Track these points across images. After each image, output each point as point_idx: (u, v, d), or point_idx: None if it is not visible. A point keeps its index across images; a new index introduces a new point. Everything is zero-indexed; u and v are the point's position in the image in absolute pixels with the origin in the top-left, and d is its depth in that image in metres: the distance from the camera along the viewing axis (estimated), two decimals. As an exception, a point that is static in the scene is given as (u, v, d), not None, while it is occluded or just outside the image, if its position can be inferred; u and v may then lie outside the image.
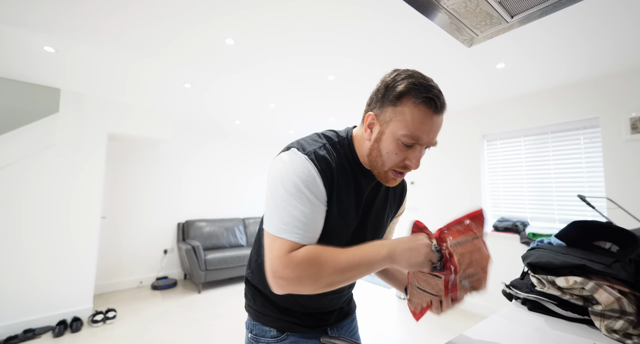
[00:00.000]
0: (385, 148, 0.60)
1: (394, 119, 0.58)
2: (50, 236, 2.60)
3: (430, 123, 0.57)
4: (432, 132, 0.57)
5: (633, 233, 0.72)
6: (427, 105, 0.55)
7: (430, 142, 0.58)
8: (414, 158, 0.59)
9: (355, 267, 0.54)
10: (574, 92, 2.49)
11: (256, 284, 0.76)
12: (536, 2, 0.74)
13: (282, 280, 0.54)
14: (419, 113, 0.56)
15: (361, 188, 0.68)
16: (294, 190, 0.57)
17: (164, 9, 1.57)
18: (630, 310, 0.61)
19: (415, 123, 0.56)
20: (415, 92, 0.56)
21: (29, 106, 2.62)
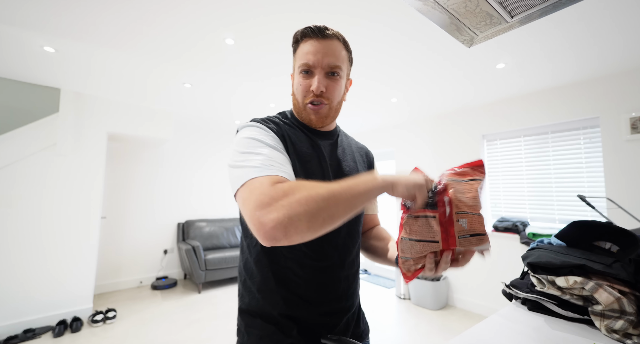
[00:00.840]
0: (295, 85, 0.68)
1: (295, 62, 0.69)
2: (50, 236, 2.60)
3: (315, 47, 0.64)
4: (318, 53, 0.63)
5: (633, 233, 0.72)
6: (307, 35, 0.65)
7: (323, 62, 0.64)
8: (313, 82, 0.64)
9: (350, 190, 0.47)
10: (574, 92, 2.49)
11: (253, 308, 0.66)
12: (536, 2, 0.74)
13: (270, 215, 0.43)
14: (305, 44, 0.65)
15: (315, 142, 0.70)
16: (250, 143, 0.58)
17: (164, 9, 1.57)
18: (630, 310, 0.61)
19: (304, 52, 0.65)
20: (299, 32, 0.67)
21: (29, 106, 2.62)
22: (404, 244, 0.55)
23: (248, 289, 0.68)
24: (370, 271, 4.43)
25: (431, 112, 3.42)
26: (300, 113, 0.70)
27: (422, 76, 2.40)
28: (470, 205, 0.52)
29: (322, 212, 0.45)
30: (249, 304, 0.67)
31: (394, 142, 4.01)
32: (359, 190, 0.48)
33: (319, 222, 0.45)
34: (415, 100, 3.01)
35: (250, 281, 0.67)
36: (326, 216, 0.45)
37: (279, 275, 0.64)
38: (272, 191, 0.46)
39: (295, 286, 0.64)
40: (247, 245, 0.70)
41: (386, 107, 3.27)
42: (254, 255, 0.67)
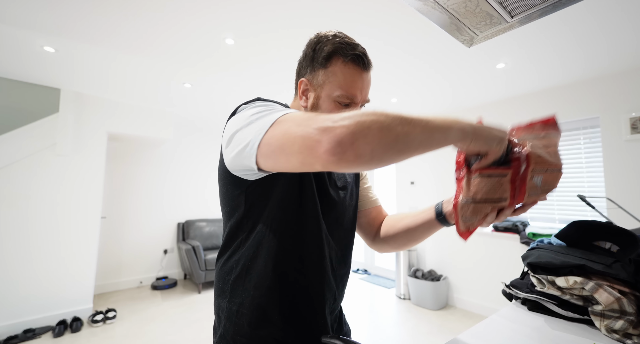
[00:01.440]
0: (324, 112, 0.59)
1: (327, 81, 0.58)
2: (50, 236, 2.60)
3: (362, 80, 0.59)
4: (364, 89, 0.60)
5: (633, 233, 0.72)
6: (355, 63, 0.57)
7: (364, 98, 0.61)
8: None
9: (428, 122, 0.39)
10: (574, 92, 2.49)
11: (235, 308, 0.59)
12: (536, 2, 0.74)
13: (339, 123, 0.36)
14: (349, 71, 0.57)
15: None
16: (260, 108, 0.49)
17: (164, 9, 1.57)
18: (630, 310, 0.61)
19: (348, 82, 0.57)
20: (343, 51, 0.57)
21: (29, 106, 2.62)
22: (466, 207, 0.48)
23: (238, 288, 0.61)
24: (370, 271, 4.43)
25: (431, 111, 3.42)
26: None
27: (423, 76, 2.40)
28: (550, 161, 0.47)
29: (396, 127, 0.36)
30: (240, 304, 0.60)
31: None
32: (437, 125, 0.39)
33: (392, 138, 0.36)
34: (416, 100, 3.01)
35: (243, 278, 0.60)
36: (401, 133, 0.37)
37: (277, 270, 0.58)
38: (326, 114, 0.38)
39: (294, 280, 0.60)
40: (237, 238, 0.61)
41: (386, 107, 3.27)
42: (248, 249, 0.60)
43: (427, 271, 3.26)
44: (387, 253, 1.11)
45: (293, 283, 0.59)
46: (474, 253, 3.03)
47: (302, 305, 0.60)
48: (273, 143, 0.41)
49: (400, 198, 3.87)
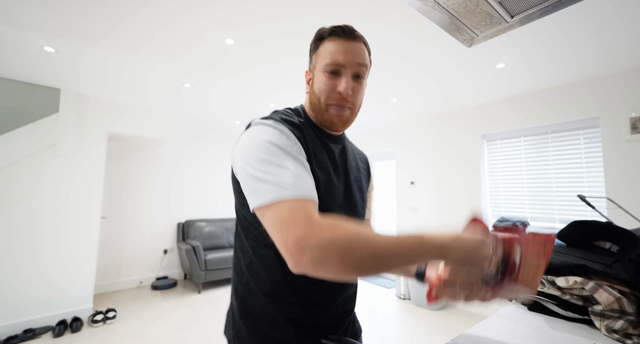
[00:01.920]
0: (317, 85, 0.64)
1: (317, 60, 0.64)
2: (50, 236, 2.60)
3: (345, 47, 0.61)
4: (349, 54, 0.61)
5: (633, 233, 0.72)
6: (336, 34, 0.62)
7: (352, 63, 0.61)
8: (341, 83, 0.61)
9: (397, 250, 0.43)
10: (574, 92, 2.49)
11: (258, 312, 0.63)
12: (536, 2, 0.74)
13: (306, 256, 0.42)
14: (331, 43, 0.62)
15: (329, 147, 0.68)
16: (272, 150, 0.51)
17: (164, 9, 1.57)
18: (630, 310, 0.61)
19: (331, 51, 0.61)
20: (323, 30, 0.64)
21: (29, 106, 2.62)
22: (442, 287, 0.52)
23: (252, 293, 0.63)
24: (370, 271, 4.42)
25: (431, 111, 3.42)
26: (321, 114, 0.65)
27: (423, 76, 2.40)
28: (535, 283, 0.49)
29: (358, 267, 0.42)
30: (254, 307, 0.63)
31: (394, 142, 4.01)
32: (407, 251, 0.44)
33: (350, 274, 0.42)
34: (416, 99, 3.01)
35: (255, 284, 0.63)
36: (360, 271, 0.42)
37: (290, 280, 0.60)
38: (309, 227, 0.43)
39: (306, 292, 0.62)
40: (250, 247, 0.64)
41: (386, 107, 3.27)
42: (262, 259, 0.62)
43: (427, 271, 3.25)
44: None
45: (304, 294, 0.62)
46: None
47: (313, 311, 0.63)
48: (266, 221, 0.48)
49: (400, 198, 3.87)
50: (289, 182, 0.48)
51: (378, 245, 0.43)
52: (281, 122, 0.58)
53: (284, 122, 0.59)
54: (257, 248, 0.62)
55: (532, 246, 0.49)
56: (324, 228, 0.43)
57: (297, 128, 0.60)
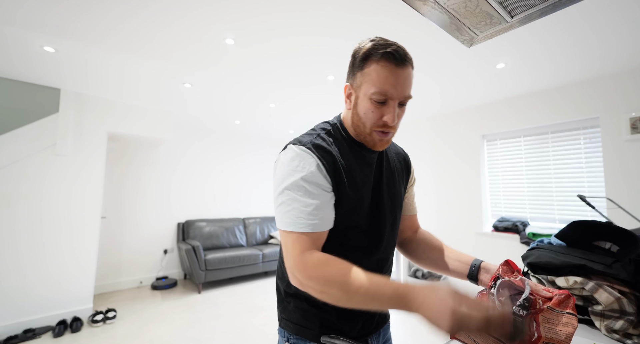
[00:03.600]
0: (362, 110, 0.64)
1: (364, 81, 0.62)
2: (50, 236, 2.60)
3: (395, 76, 0.59)
4: (399, 85, 0.60)
5: (633, 233, 0.72)
6: (387, 59, 0.59)
7: (400, 95, 0.61)
8: (388, 113, 0.62)
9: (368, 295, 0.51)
10: (574, 92, 2.49)
11: (292, 291, 0.72)
12: (536, 2, 0.74)
13: (296, 280, 0.57)
14: (382, 69, 0.60)
15: (367, 161, 0.71)
16: (296, 188, 0.60)
17: (164, 9, 1.57)
18: (630, 310, 0.61)
19: (381, 79, 0.59)
20: (375, 51, 0.60)
21: (29, 106, 2.61)
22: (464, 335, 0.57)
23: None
24: (370, 271, 4.43)
25: (431, 111, 3.42)
26: (364, 136, 0.67)
27: (422, 76, 2.40)
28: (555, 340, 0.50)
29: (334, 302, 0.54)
30: (296, 290, 0.70)
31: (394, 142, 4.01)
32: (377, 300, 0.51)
33: (330, 301, 0.54)
34: (416, 99, 3.01)
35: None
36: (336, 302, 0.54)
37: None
38: (301, 262, 0.56)
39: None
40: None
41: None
42: None
43: (427, 271, 3.26)
44: None
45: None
46: (474, 253, 3.01)
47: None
48: (280, 236, 0.63)
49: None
50: (303, 215, 0.58)
51: (350, 290, 0.52)
52: (312, 151, 0.63)
53: (316, 150, 0.63)
54: None
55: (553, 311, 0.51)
56: (308, 267, 0.55)
57: (328, 154, 0.64)
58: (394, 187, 0.76)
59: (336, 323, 0.69)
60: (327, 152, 0.64)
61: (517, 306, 0.52)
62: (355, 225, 0.67)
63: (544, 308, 0.51)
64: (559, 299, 0.52)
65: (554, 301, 0.52)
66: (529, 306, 0.52)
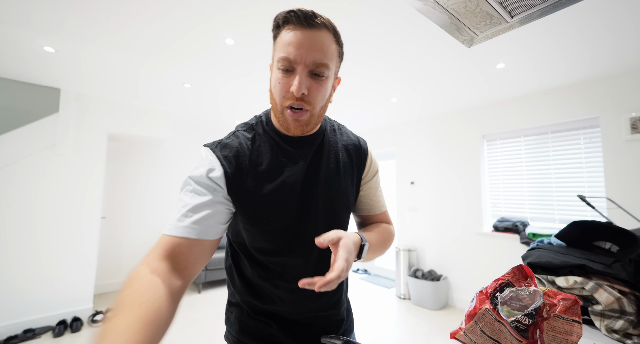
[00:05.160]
0: (272, 82, 0.57)
1: (275, 52, 0.57)
2: (50, 236, 2.60)
3: (299, 38, 0.52)
4: (302, 47, 0.52)
5: (633, 233, 0.72)
6: (291, 22, 0.53)
7: (307, 59, 0.52)
8: (294, 82, 0.53)
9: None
10: (574, 92, 2.49)
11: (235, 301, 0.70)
12: (536, 2, 0.74)
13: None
14: (287, 33, 0.53)
15: (294, 158, 0.62)
16: (184, 187, 0.57)
17: (164, 9, 1.57)
18: (630, 310, 0.61)
19: (285, 42, 0.53)
20: (280, 17, 0.54)
21: (29, 106, 2.61)
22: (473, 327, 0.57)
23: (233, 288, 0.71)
24: (370, 271, 4.43)
25: (431, 111, 3.42)
26: (277, 117, 0.59)
27: (423, 76, 2.40)
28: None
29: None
30: (237, 300, 0.70)
31: (394, 142, 4.01)
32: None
33: None
34: (416, 99, 3.01)
35: (231, 283, 0.71)
36: None
37: (257, 290, 0.66)
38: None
39: (271, 303, 0.66)
40: (229, 252, 0.72)
41: (386, 107, 3.27)
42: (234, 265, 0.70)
43: (427, 271, 3.26)
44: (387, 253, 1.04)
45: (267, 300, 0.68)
46: (474, 253, 3.03)
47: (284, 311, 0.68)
48: None
49: (400, 198, 3.87)
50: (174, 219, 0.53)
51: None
52: (215, 150, 0.59)
53: (220, 149, 0.59)
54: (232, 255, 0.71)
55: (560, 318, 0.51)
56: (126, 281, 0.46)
57: (234, 154, 0.59)
58: (336, 184, 0.66)
59: (277, 335, 0.65)
60: (233, 150, 0.59)
61: (524, 315, 0.51)
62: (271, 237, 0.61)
63: (551, 316, 0.51)
64: (566, 306, 0.51)
65: (560, 308, 0.51)
66: (536, 315, 0.51)
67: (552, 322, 0.50)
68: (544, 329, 0.50)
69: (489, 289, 0.59)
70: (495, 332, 0.53)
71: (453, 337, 0.60)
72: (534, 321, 0.51)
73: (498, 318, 0.53)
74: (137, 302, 0.41)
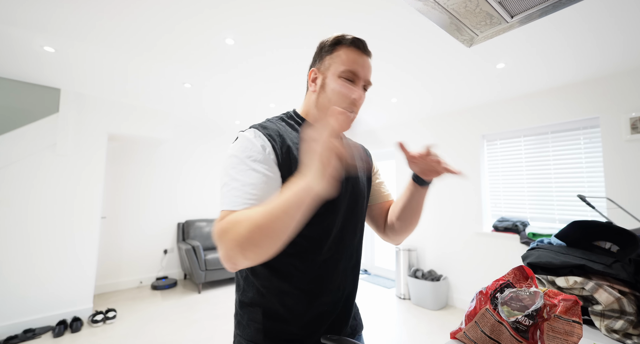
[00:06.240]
0: (332, 87, 0.67)
1: (333, 63, 0.68)
2: (50, 236, 2.60)
3: (362, 60, 0.68)
4: (364, 69, 0.68)
5: (633, 233, 0.72)
6: (356, 45, 0.68)
7: (365, 77, 0.68)
8: (357, 90, 0.67)
9: (271, 213, 0.47)
10: (574, 92, 2.49)
11: (248, 300, 0.69)
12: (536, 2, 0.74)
13: (218, 245, 0.51)
14: (351, 52, 0.67)
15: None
16: (238, 166, 0.58)
17: (164, 9, 1.57)
18: (630, 310, 0.61)
19: (350, 59, 0.67)
20: (344, 38, 0.68)
21: (29, 106, 2.61)
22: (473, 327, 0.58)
23: (250, 284, 0.69)
24: (370, 271, 4.43)
25: (431, 111, 3.42)
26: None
27: (423, 76, 2.40)
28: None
29: (247, 239, 0.47)
30: (252, 298, 0.68)
31: (394, 142, 4.01)
32: (281, 206, 0.47)
33: (249, 248, 0.48)
34: (416, 99, 3.01)
35: (253, 276, 0.68)
36: (252, 242, 0.47)
37: (281, 270, 0.65)
38: (218, 229, 0.51)
39: (297, 280, 0.66)
40: None
41: (386, 107, 3.27)
42: None
43: (427, 271, 3.26)
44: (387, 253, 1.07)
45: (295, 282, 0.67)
46: (474, 253, 3.03)
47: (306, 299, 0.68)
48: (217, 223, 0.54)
49: (400, 198, 3.87)
50: (230, 194, 0.56)
51: (256, 215, 0.48)
52: (259, 128, 0.64)
53: (263, 130, 0.64)
54: None
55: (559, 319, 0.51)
56: (223, 227, 0.50)
57: (276, 133, 0.64)
58: (354, 176, 0.74)
59: (296, 334, 0.66)
60: (275, 131, 0.65)
61: (524, 316, 0.51)
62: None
63: (551, 316, 0.51)
64: (566, 306, 0.51)
65: (561, 309, 0.51)
66: (536, 315, 0.51)
67: (553, 323, 0.50)
68: (544, 329, 0.50)
69: (489, 290, 0.59)
70: (496, 332, 0.53)
71: (453, 337, 0.60)
72: (534, 322, 0.51)
73: (498, 318, 0.53)
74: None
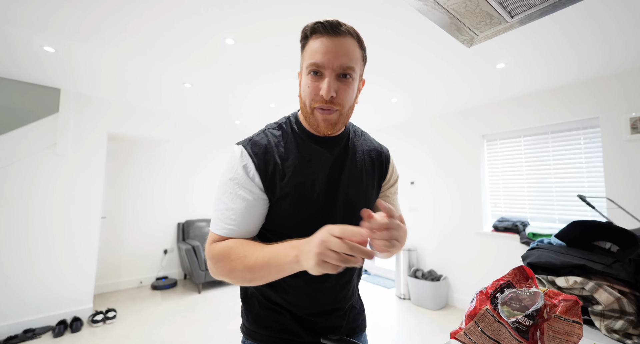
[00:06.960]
0: (302, 87, 0.63)
1: (303, 60, 0.62)
2: (50, 236, 2.60)
3: (326, 45, 0.58)
4: (329, 53, 0.57)
5: (633, 233, 0.72)
6: (318, 32, 0.59)
7: (334, 64, 0.58)
8: (323, 85, 0.58)
9: (263, 267, 0.53)
10: (574, 92, 2.49)
11: (247, 293, 0.73)
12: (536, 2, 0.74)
13: (209, 265, 0.60)
14: (314, 42, 0.59)
15: (320, 156, 0.66)
16: (224, 188, 0.63)
17: (164, 9, 1.57)
18: (630, 310, 0.61)
19: (314, 50, 0.59)
20: (306, 27, 0.61)
21: (29, 106, 2.61)
22: (473, 327, 0.57)
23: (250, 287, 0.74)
24: (370, 271, 4.43)
25: (431, 111, 3.42)
26: (307, 118, 0.64)
27: (423, 76, 2.40)
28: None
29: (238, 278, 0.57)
30: (252, 292, 0.73)
31: (394, 142, 4.01)
32: (272, 264, 0.52)
33: (239, 282, 0.58)
34: (416, 100, 3.01)
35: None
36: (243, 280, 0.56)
37: (273, 284, 0.66)
38: (210, 255, 0.60)
39: (283, 291, 0.68)
40: None
41: (386, 107, 3.27)
42: None
43: (427, 271, 3.26)
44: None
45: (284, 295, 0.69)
46: (474, 253, 3.03)
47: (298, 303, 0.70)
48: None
49: (400, 198, 3.87)
50: (218, 219, 0.62)
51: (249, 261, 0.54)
52: (246, 149, 0.63)
53: (251, 147, 0.64)
54: None
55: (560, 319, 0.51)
56: (212, 256, 0.59)
57: (263, 151, 0.63)
58: (358, 186, 0.70)
59: (290, 325, 0.67)
60: (262, 147, 0.64)
61: (524, 316, 0.51)
62: (295, 227, 0.64)
63: (551, 317, 0.51)
64: (566, 306, 0.51)
65: (561, 309, 0.51)
66: (536, 316, 0.51)
67: (553, 323, 0.50)
68: (545, 330, 0.50)
69: (489, 290, 0.59)
70: (496, 332, 0.53)
71: (453, 337, 0.60)
72: (534, 322, 0.51)
73: (498, 318, 0.53)
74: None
